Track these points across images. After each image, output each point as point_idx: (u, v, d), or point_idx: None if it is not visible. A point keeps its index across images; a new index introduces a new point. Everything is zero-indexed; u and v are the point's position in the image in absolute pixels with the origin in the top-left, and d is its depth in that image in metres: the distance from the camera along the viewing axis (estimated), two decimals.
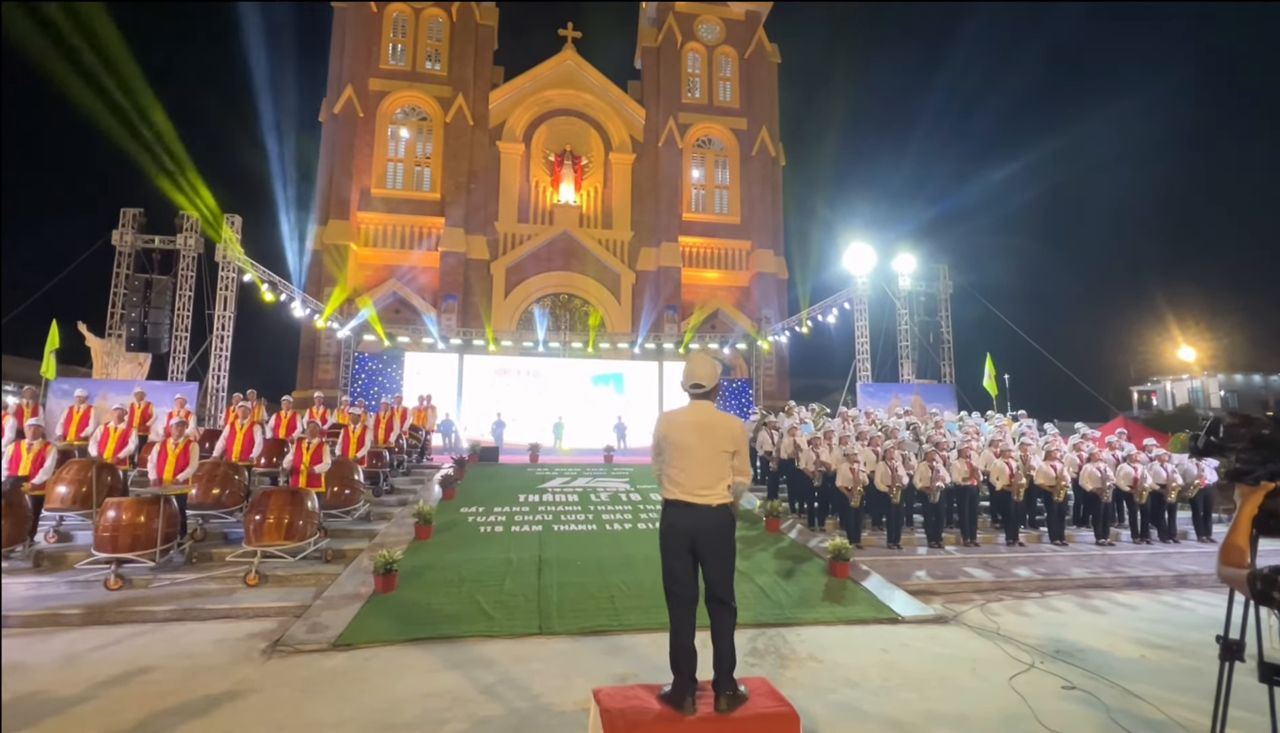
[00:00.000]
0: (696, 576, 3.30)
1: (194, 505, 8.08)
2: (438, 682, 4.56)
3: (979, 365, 17.78)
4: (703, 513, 3.24)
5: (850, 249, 18.76)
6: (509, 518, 9.32)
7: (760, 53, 28.97)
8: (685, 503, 3.24)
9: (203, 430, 10.72)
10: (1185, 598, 7.27)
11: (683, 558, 3.25)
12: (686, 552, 3.25)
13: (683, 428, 3.34)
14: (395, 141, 26.18)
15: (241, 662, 4.94)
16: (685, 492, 3.25)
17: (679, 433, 3.33)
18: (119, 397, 12.44)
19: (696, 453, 3.28)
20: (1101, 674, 4.79)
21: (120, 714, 4.01)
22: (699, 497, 3.24)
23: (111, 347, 15.53)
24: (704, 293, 27.18)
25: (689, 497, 3.24)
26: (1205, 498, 10.00)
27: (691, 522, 3.23)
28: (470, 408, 19.42)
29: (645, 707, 3.05)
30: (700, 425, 3.34)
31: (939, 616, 6.28)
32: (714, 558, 3.25)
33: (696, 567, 3.30)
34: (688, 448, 3.28)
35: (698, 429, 3.32)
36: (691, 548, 3.24)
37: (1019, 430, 11.85)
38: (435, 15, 26.98)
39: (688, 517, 3.24)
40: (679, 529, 3.25)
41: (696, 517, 3.23)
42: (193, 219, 16.07)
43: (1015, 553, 8.83)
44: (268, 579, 6.84)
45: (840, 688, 4.53)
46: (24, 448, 7.64)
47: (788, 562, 7.79)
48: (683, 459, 3.28)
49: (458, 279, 24.97)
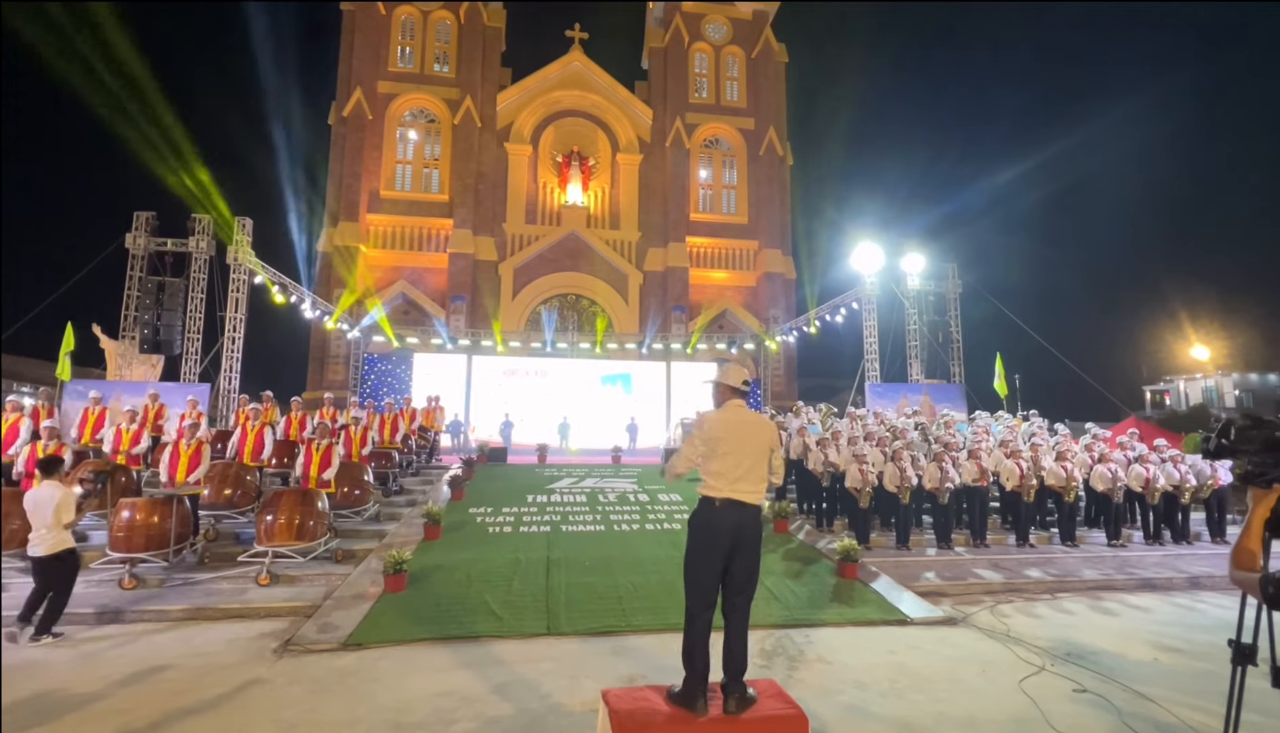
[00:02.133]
0: (720, 578, 3.32)
1: (206, 506, 8.16)
2: (447, 682, 4.59)
3: (989, 365, 17.66)
4: (748, 512, 3.31)
5: (858, 248, 18.67)
6: (517, 518, 9.36)
7: (767, 52, 28.91)
8: (734, 501, 3.28)
9: (214, 431, 10.84)
10: (1199, 600, 7.19)
11: (718, 557, 3.27)
12: (723, 551, 3.27)
13: (733, 427, 3.40)
14: (404, 143, 26.34)
15: (253, 661, 4.99)
16: (735, 490, 3.29)
17: (730, 432, 3.38)
18: (132, 398, 12.58)
19: (746, 452, 3.35)
20: (1113, 677, 4.76)
21: (135, 712, 4.06)
22: (747, 495, 3.30)
23: (125, 348, 15.70)
24: (711, 293, 27.16)
25: (739, 495, 3.29)
26: (1219, 499, 9.89)
27: (737, 520, 3.28)
28: (479, 408, 19.50)
29: (654, 708, 3.06)
30: (747, 424, 3.43)
31: (948, 617, 6.25)
32: (749, 558, 3.30)
33: (724, 569, 3.31)
34: (739, 447, 3.34)
35: (745, 427, 3.41)
36: (729, 547, 3.27)
37: (1029, 430, 11.76)
38: (443, 17, 27.11)
39: (733, 515, 3.28)
40: (721, 528, 3.27)
41: (743, 515, 3.30)
42: (205, 222, 16.21)
43: (1026, 554, 8.77)
44: (279, 579, 6.91)
45: (849, 690, 4.52)
46: (39, 449, 7.74)
47: (796, 563, 7.77)
48: (733, 458, 3.33)
49: (466, 280, 25.08)
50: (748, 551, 3.29)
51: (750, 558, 3.30)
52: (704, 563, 3.28)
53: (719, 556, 3.27)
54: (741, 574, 3.29)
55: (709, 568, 3.27)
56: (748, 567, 3.30)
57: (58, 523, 5.42)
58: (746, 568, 3.29)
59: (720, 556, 3.27)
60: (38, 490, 5.52)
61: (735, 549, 3.27)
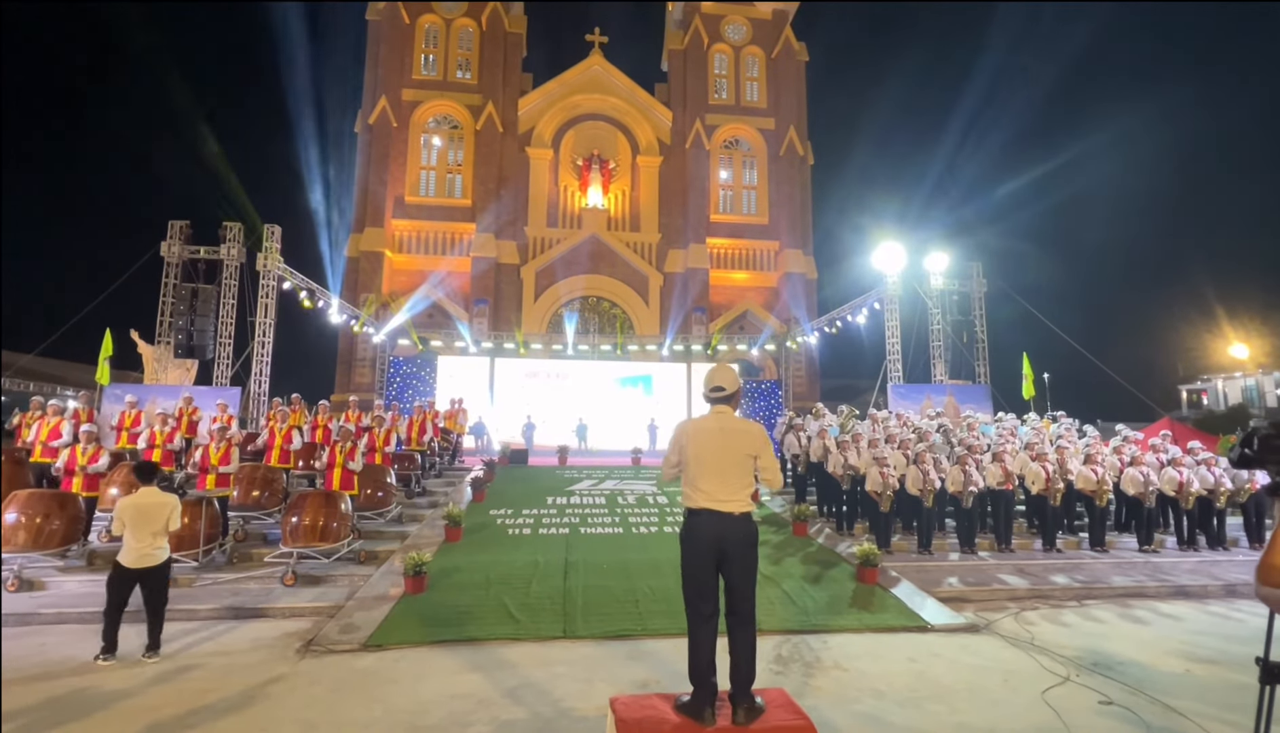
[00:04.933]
0: (718, 587, 3.29)
1: (235, 507, 8.38)
2: (463, 684, 4.64)
3: (1015, 365, 17.29)
4: (729, 521, 3.22)
5: (880, 248, 18.41)
6: (537, 520, 9.43)
7: (787, 52, 28.70)
8: (711, 511, 3.23)
9: (244, 434, 11.11)
10: (1235, 609, 6.95)
11: (707, 568, 3.24)
12: (710, 561, 3.23)
13: (704, 435, 3.35)
14: (428, 150, 26.73)
15: (277, 660, 5.11)
16: (710, 499, 3.24)
17: (701, 440, 3.33)
18: (166, 401, 12.97)
19: (719, 460, 3.28)
20: (1142, 689, 4.63)
21: (163, 710, 4.19)
22: (724, 504, 3.23)
23: (161, 353, 16.19)
24: (732, 294, 27.04)
25: (714, 504, 3.23)
26: (1258, 503, 9.53)
27: (717, 530, 3.22)
28: (501, 410, 19.69)
29: (662, 717, 3.06)
30: (721, 432, 3.35)
31: (970, 624, 6.13)
32: (738, 568, 3.23)
33: (718, 578, 3.28)
34: (711, 455, 3.28)
35: (720, 436, 3.33)
36: (716, 557, 3.23)
37: (1056, 432, 11.48)
38: (465, 25, 27.46)
39: (713, 525, 3.22)
40: (704, 538, 3.23)
41: (723, 525, 3.22)
42: (235, 229, 16.65)
43: (1052, 560, 8.58)
44: (303, 580, 7.06)
45: (865, 698, 4.47)
46: (79, 452, 8.03)
47: (815, 567, 7.70)
48: (706, 467, 3.28)
49: (488, 284, 25.34)
50: (737, 559, 3.23)
51: (741, 566, 3.24)
52: (694, 575, 3.25)
53: (708, 566, 3.24)
54: (735, 582, 3.24)
55: (700, 579, 3.24)
56: (741, 576, 3.24)
57: (164, 531, 5.20)
58: (740, 577, 3.24)
59: (709, 566, 3.24)
60: (140, 498, 5.20)
61: (723, 559, 3.23)
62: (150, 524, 5.15)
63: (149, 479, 5.40)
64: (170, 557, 5.36)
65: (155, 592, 5.16)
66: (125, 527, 5.13)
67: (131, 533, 5.12)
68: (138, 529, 5.11)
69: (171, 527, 5.29)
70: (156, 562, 5.16)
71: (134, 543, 5.11)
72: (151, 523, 5.15)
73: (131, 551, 5.10)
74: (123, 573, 5.08)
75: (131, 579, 5.10)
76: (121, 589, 5.08)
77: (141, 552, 5.10)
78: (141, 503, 5.20)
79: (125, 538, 5.15)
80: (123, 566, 5.09)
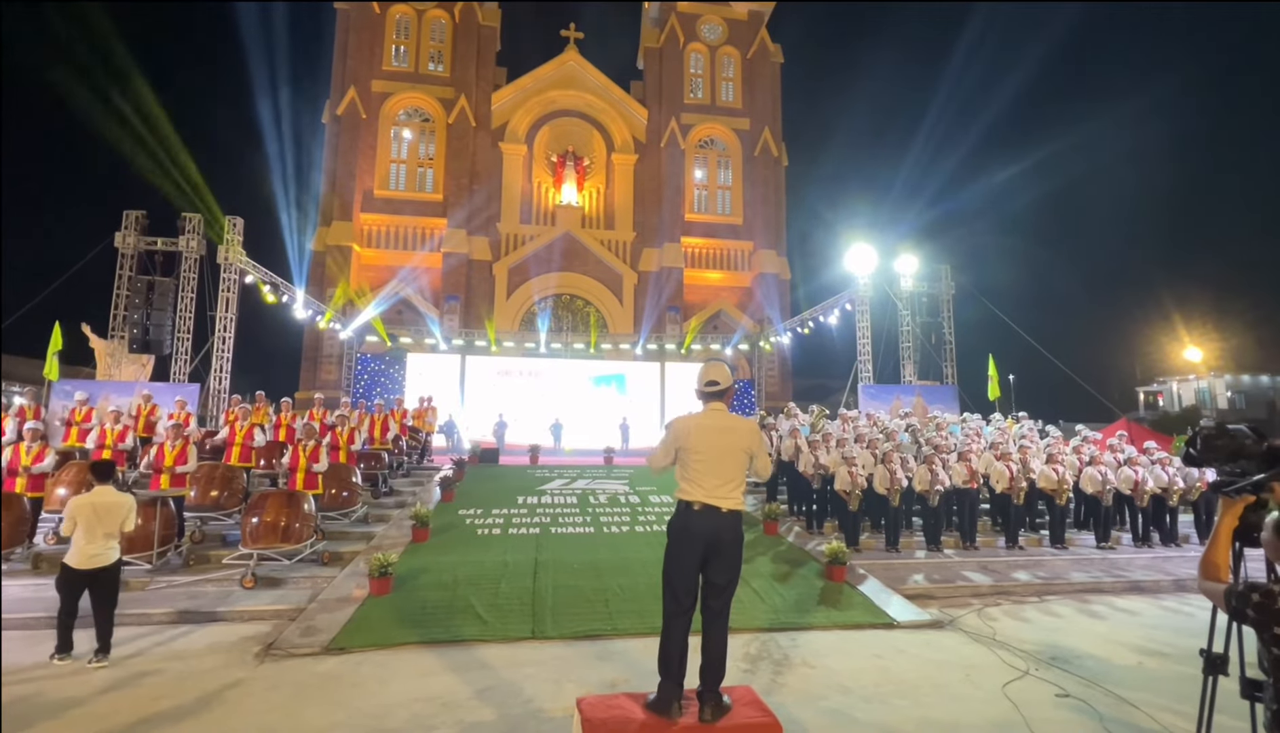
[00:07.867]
0: (698, 582, 3.30)
1: (192, 507, 8.11)
2: (429, 686, 4.56)
3: (981, 366, 17.72)
4: (723, 518, 3.25)
5: (852, 249, 18.69)
6: (507, 520, 9.32)
7: (763, 52, 28.93)
8: (707, 506, 3.24)
9: (203, 432, 10.78)
10: (1186, 603, 7.20)
11: (693, 563, 3.25)
12: (699, 556, 3.24)
13: (703, 432, 3.35)
14: (398, 143, 26.28)
15: (235, 665, 4.95)
16: (709, 495, 3.24)
17: (703, 437, 3.33)
18: (120, 398, 12.51)
19: (720, 457, 3.29)
20: (1097, 682, 4.76)
21: (113, 718, 4.02)
22: (721, 501, 3.25)
23: (115, 348, 15.62)
24: (706, 293, 27.17)
25: (712, 500, 3.24)
26: (1208, 502, 9.89)
27: (713, 525, 3.23)
28: (473, 409, 19.45)
29: (628, 717, 3.04)
30: (720, 428, 3.36)
31: (935, 621, 6.24)
32: (724, 564, 3.26)
33: (699, 573, 3.29)
34: (713, 452, 3.29)
35: (718, 432, 3.34)
36: (704, 553, 3.24)
37: (1019, 432, 11.77)
38: (438, 16, 27.05)
39: (709, 521, 3.23)
40: (696, 532, 3.24)
41: (719, 521, 3.24)
42: (195, 221, 16.15)
43: (1015, 557, 8.78)
44: (263, 582, 6.86)
45: (832, 695, 4.51)
46: (22, 450, 7.68)
47: (785, 565, 7.76)
48: (708, 464, 3.28)
49: (460, 280, 25.03)
50: (725, 555, 3.25)
51: (728, 562, 3.27)
52: (680, 568, 3.26)
53: (695, 560, 3.25)
54: (719, 579, 3.26)
55: (685, 573, 3.25)
56: (726, 571, 3.27)
57: (118, 532, 5.03)
58: (724, 573, 3.26)
59: (696, 560, 3.25)
60: (96, 497, 5.01)
61: (712, 554, 3.25)
62: (105, 525, 4.96)
63: (106, 478, 5.20)
64: (121, 558, 5.16)
65: (105, 594, 4.97)
66: (78, 527, 4.93)
67: (84, 533, 4.93)
68: (91, 530, 4.92)
69: (126, 528, 5.11)
70: (107, 563, 4.97)
71: (84, 544, 4.91)
72: (106, 524, 4.97)
73: (80, 552, 4.91)
74: (71, 575, 4.89)
75: (81, 581, 4.90)
76: (73, 591, 4.90)
77: (91, 553, 4.91)
78: (98, 502, 5.00)
79: (75, 538, 4.95)
80: (70, 567, 4.89)
